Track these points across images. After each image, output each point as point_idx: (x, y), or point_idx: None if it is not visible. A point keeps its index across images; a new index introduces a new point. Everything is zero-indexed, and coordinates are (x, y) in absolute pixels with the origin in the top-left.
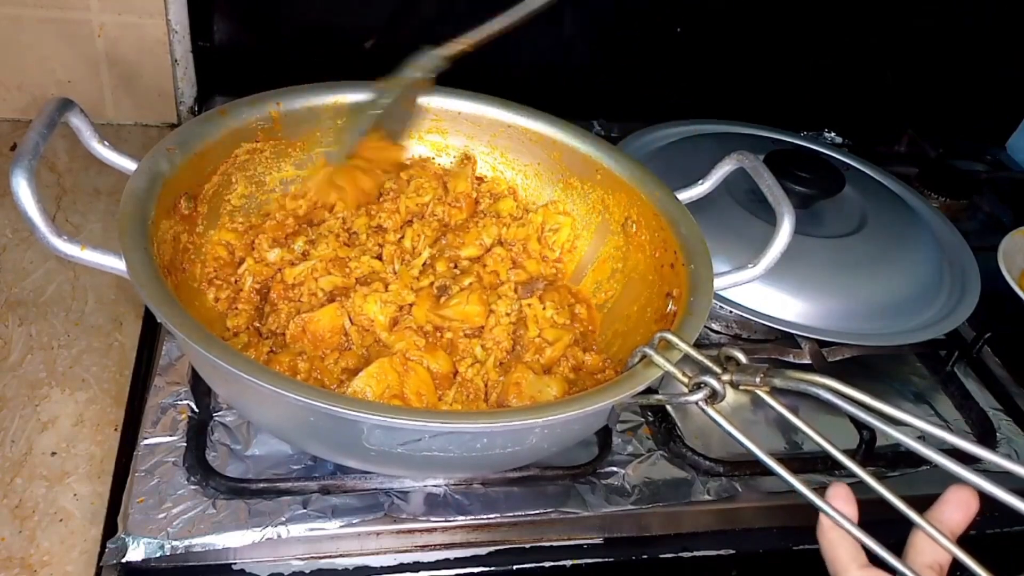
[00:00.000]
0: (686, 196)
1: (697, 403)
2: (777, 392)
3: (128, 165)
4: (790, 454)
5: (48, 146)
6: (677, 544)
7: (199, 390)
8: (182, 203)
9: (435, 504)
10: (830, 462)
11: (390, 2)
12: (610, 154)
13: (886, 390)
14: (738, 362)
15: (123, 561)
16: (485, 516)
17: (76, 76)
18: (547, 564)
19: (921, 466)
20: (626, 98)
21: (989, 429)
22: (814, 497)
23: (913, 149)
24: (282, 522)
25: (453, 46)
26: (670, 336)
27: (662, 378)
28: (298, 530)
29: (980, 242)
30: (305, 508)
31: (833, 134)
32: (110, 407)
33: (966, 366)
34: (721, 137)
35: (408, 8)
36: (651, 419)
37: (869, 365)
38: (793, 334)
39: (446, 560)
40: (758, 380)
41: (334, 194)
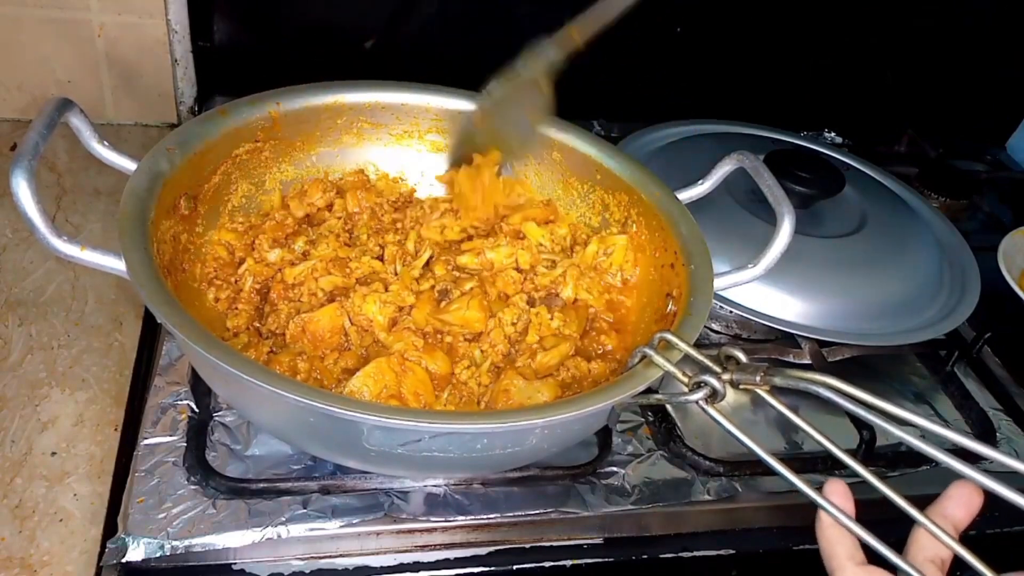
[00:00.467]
0: (686, 196)
1: (697, 402)
2: (777, 391)
3: (128, 165)
4: (790, 454)
5: (48, 146)
6: (677, 544)
7: (199, 390)
8: (182, 203)
9: (435, 504)
10: (830, 462)
11: (390, 2)
12: (610, 154)
13: (886, 390)
14: (738, 361)
15: (123, 561)
16: (485, 516)
17: (76, 76)
18: (547, 564)
19: (921, 466)
20: (626, 98)
21: (989, 429)
22: (813, 494)
23: (913, 149)
24: (282, 522)
25: (566, 40)
26: (670, 336)
27: (662, 378)
28: (298, 530)
29: (980, 242)
30: (305, 508)
31: (833, 134)
32: (110, 407)
33: (966, 366)
34: (721, 137)
35: (408, 8)
36: (651, 419)
37: (869, 365)
38: (793, 334)
39: (446, 560)
40: (758, 379)
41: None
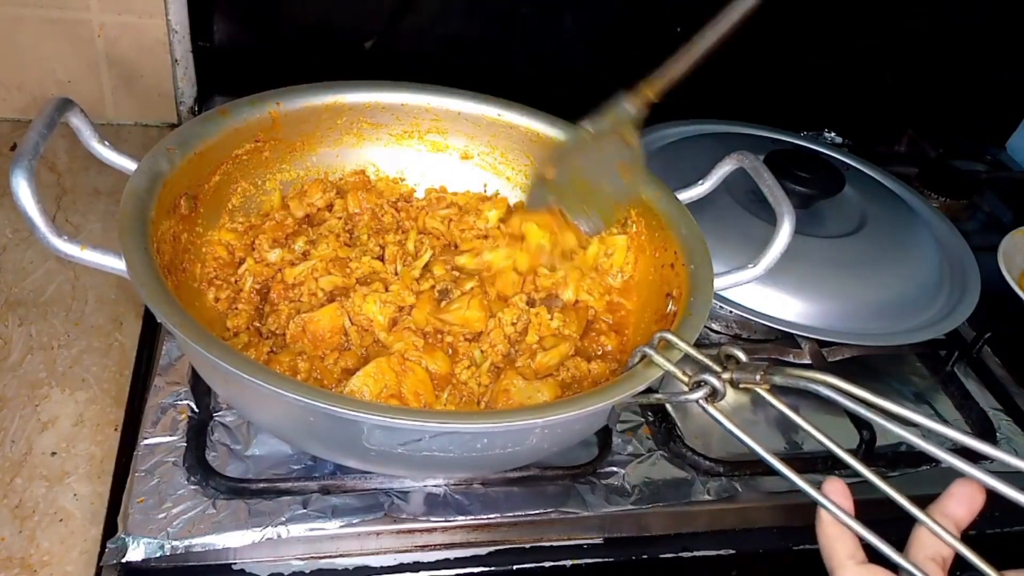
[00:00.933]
0: (686, 196)
1: (697, 401)
2: (777, 391)
3: (128, 165)
4: (790, 454)
5: (48, 146)
6: (677, 544)
7: (199, 390)
8: (182, 203)
9: (435, 504)
10: (831, 462)
11: (390, 2)
12: None
13: (886, 390)
14: (738, 360)
15: (123, 561)
16: (485, 516)
17: (76, 76)
18: (547, 564)
19: (921, 466)
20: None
21: (989, 429)
22: (813, 492)
23: (913, 149)
24: (282, 522)
25: (652, 85)
26: (670, 336)
27: (662, 378)
28: (298, 530)
29: (980, 242)
30: (305, 508)
31: (833, 134)
32: (110, 407)
33: (966, 366)
34: (721, 137)
35: (408, 8)
36: (651, 419)
37: (869, 365)
38: (793, 334)
39: (446, 560)
40: (758, 378)
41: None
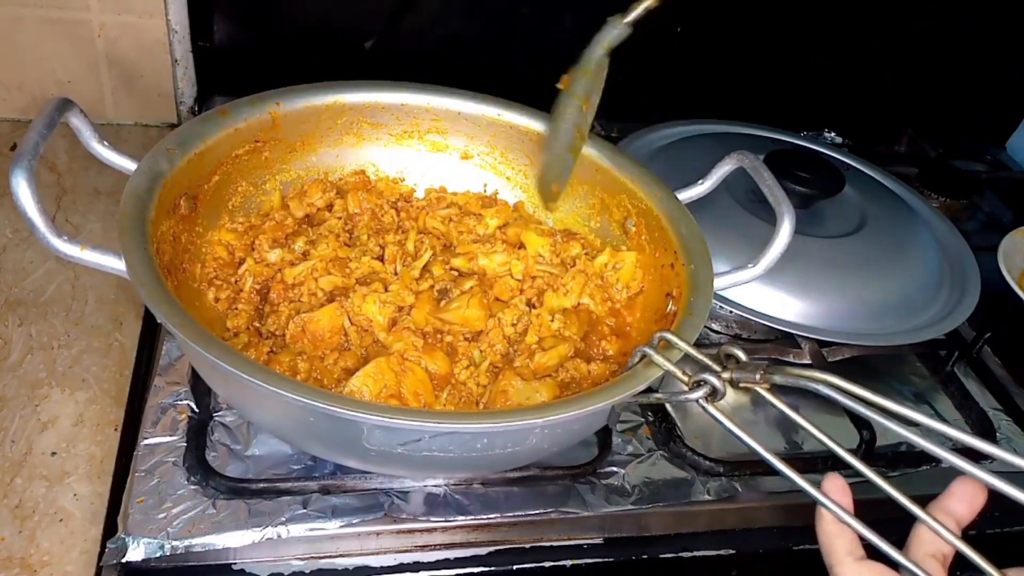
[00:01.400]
0: (686, 196)
1: (697, 401)
2: (777, 390)
3: (128, 165)
4: (790, 454)
5: (48, 146)
6: (677, 544)
7: (199, 390)
8: (182, 203)
9: (435, 504)
10: (831, 461)
11: (390, 2)
12: (610, 154)
13: (886, 390)
14: (738, 360)
15: (123, 561)
16: (485, 516)
17: (76, 76)
18: (547, 564)
19: (921, 466)
20: (626, 98)
21: (989, 429)
22: (811, 489)
23: (913, 149)
24: (282, 522)
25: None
26: (670, 336)
27: (662, 378)
28: (298, 530)
29: (980, 242)
30: (305, 508)
31: (833, 134)
32: (110, 407)
33: (966, 366)
34: (721, 137)
35: (408, 8)
36: (651, 419)
37: (869, 365)
38: (793, 334)
39: (446, 560)
40: (758, 377)
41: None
